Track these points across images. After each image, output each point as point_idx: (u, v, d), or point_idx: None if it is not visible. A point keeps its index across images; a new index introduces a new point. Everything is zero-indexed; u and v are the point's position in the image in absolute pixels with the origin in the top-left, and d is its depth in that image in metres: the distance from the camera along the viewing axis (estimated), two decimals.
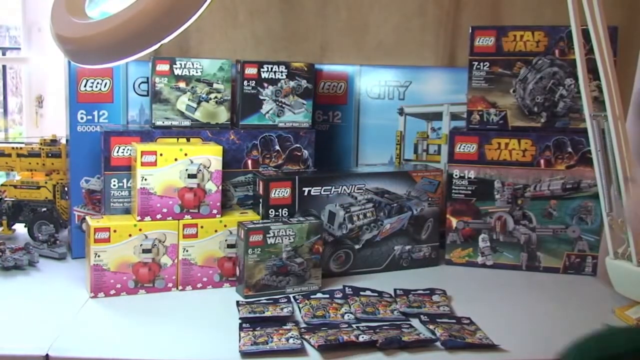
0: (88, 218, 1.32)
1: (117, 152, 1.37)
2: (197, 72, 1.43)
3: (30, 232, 1.57)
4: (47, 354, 1.05)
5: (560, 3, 1.29)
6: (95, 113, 1.46)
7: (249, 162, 1.46)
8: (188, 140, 1.41)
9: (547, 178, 1.48)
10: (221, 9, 1.74)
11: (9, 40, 2.24)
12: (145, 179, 1.31)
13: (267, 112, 1.48)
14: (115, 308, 1.25)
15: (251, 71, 1.46)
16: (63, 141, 1.60)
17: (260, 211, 1.38)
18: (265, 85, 1.47)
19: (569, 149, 1.47)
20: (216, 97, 1.45)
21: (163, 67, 1.41)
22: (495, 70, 1.51)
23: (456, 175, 1.52)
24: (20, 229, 1.62)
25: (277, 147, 1.48)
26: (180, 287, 1.34)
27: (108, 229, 1.28)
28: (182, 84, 1.43)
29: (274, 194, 1.37)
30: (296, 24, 1.76)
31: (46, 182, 1.58)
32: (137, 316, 1.22)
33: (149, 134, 1.39)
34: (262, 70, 1.46)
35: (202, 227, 1.34)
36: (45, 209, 1.58)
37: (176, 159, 1.32)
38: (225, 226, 1.36)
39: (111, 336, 1.13)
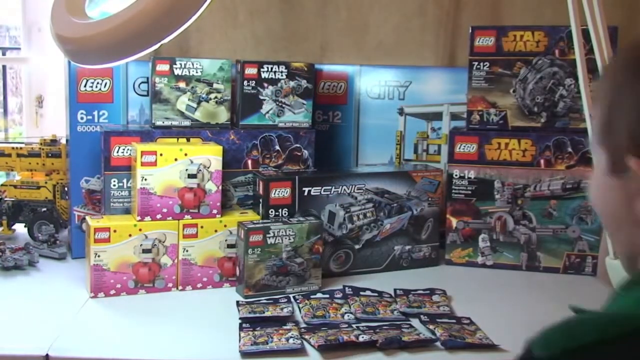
0: (88, 218, 1.32)
1: (117, 152, 1.37)
2: (197, 72, 1.43)
3: (30, 232, 1.57)
4: (47, 354, 1.05)
5: (560, 3, 1.29)
6: (95, 113, 1.46)
7: (249, 162, 1.46)
8: (188, 140, 1.41)
9: (547, 178, 1.48)
10: (221, 9, 1.74)
11: (9, 40, 2.24)
12: (145, 179, 1.31)
13: (267, 112, 1.48)
14: (115, 308, 1.25)
15: (251, 71, 1.46)
16: (63, 141, 1.59)
17: (260, 211, 1.38)
18: (265, 85, 1.47)
19: (569, 149, 1.47)
20: (216, 97, 1.45)
21: (163, 67, 1.41)
22: (495, 70, 1.51)
23: (456, 175, 1.52)
24: (20, 229, 1.62)
25: (277, 147, 1.48)
26: (180, 287, 1.34)
27: (108, 229, 1.28)
28: (182, 84, 1.42)
29: (274, 194, 1.37)
30: (296, 24, 1.76)
31: (46, 182, 1.58)
32: (137, 316, 1.22)
33: (149, 134, 1.39)
34: (262, 70, 1.46)
35: (202, 227, 1.34)
36: (45, 209, 1.58)
37: (176, 159, 1.32)
38: (225, 226, 1.36)
39: (111, 336, 1.13)
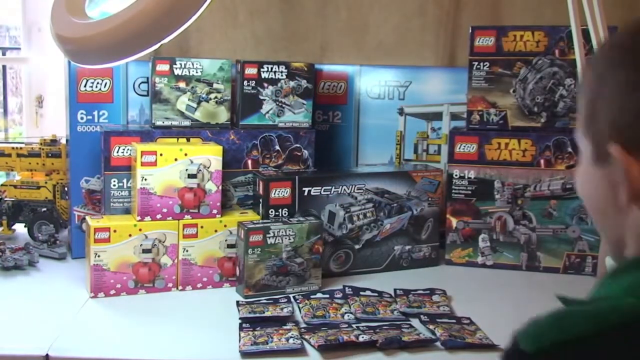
0: (88, 218, 1.32)
1: (117, 152, 1.37)
2: (197, 72, 1.43)
3: (30, 232, 1.56)
4: (47, 354, 1.05)
5: (560, 3, 1.29)
6: (95, 113, 1.46)
7: (249, 162, 1.46)
8: (188, 140, 1.41)
9: (547, 178, 1.48)
10: (221, 9, 1.74)
11: (9, 40, 2.24)
12: (145, 179, 1.31)
13: (267, 112, 1.48)
14: (115, 308, 1.25)
15: (251, 71, 1.46)
16: (63, 141, 1.59)
17: (260, 211, 1.38)
18: (265, 85, 1.47)
19: (569, 149, 1.47)
20: (216, 97, 1.45)
21: (163, 67, 1.41)
22: (495, 70, 1.51)
23: (456, 175, 1.52)
24: (20, 229, 1.62)
25: (277, 147, 1.48)
26: (180, 287, 1.34)
27: (108, 229, 1.28)
28: (182, 84, 1.42)
29: (274, 194, 1.37)
30: (296, 24, 1.76)
31: (46, 182, 1.58)
32: (137, 316, 1.22)
33: (149, 134, 1.39)
34: (262, 70, 1.46)
35: (202, 227, 1.34)
36: (45, 209, 1.58)
37: (176, 159, 1.32)
38: (225, 226, 1.36)
39: (111, 336, 1.13)
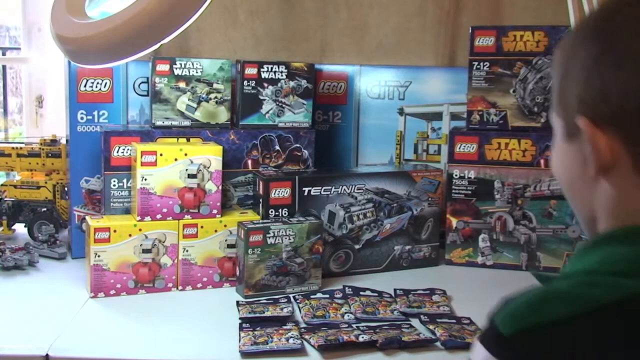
0: (88, 218, 1.32)
1: (117, 152, 1.37)
2: (197, 72, 1.43)
3: (30, 232, 1.56)
4: (47, 354, 1.05)
5: (560, 3, 1.29)
6: (95, 113, 1.46)
7: (249, 162, 1.46)
8: (188, 140, 1.41)
9: (547, 178, 1.48)
10: (221, 9, 1.74)
11: (9, 40, 2.24)
12: (145, 179, 1.31)
13: (267, 112, 1.48)
14: (115, 308, 1.25)
15: (251, 71, 1.46)
16: (63, 141, 1.59)
17: (260, 211, 1.38)
18: (265, 85, 1.47)
19: None
20: (216, 97, 1.45)
21: (163, 67, 1.41)
22: (495, 70, 1.51)
23: (456, 175, 1.52)
24: (20, 229, 1.61)
25: (277, 147, 1.48)
26: (180, 287, 1.34)
27: (108, 229, 1.28)
28: (182, 84, 1.42)
29: (274, 194, 1.37)
30: (296, 24, 1.76)
31: (46, 182, 1.58)
32: (137, 316, 1.22)
33: (149, 134, 1.39)
34: (262, 70, 1.46)
35: (202, 227, 1.34)
36: (45, 209, 1.58)
37: (176, 159, 1.32)
38: (225, 226, 1.36)
39: (111, 336, 1.13)
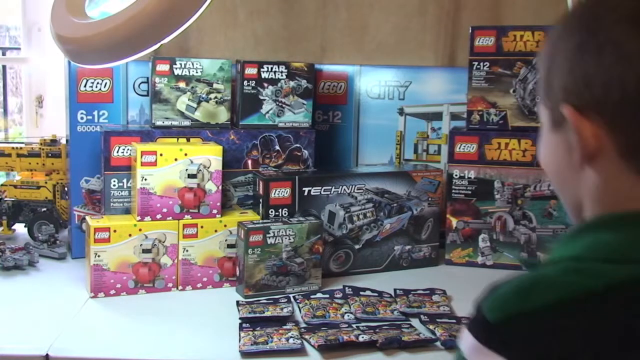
0: (88, 218, 1.32)
1: (117, 152, 1.37)
2: (197, 72, 1.43)
3: (30, 232, 1.56)
4: (47, 354, 1.05)
5: (560, 3, 1.29)
6: (95, 113, 1.46)
7: (249, 162, 1.46)
8: (188, 140, 1.41)
9: (547, 178, 1.48)
10: (221, 9, 1.74)
11: (9, 40, 2.24)
12: (145, 179, 1.31)
13: (267, 112, 1.48)
14: (115, 308, 1.25)
15: (251, 71, 1.46)
16: (63, 141, 1.59)
17: (260, 211, 1.38)
18: (265, 85, 1.47)
19: None
20: (216, 97, 1.45)
21: (163, 67, 1.41)
22: (495, 70, 1.51)
23: (456, 175, 1.52)
24: (20, 229, 1.62)
25: (277, 147, 1.48)
26: (180, 287, 1.34)
27: (108, 229, 1.28)
28: (182, 84, 1.42)
29: (274, 194, 1.37)
30: (296, 24, 1.76)
31: (46, 182, 1.58)
32: (137, 316, 1.22)
33: (149, 134, 1.39)
34: (262, 70, 1.46)
35: (202, 227, 1.34)
36: (45, 209, 1.58)
37: (176, 159, 1.32)
38: (225, 226, 1.36)
39: (111, 336, 1.13)
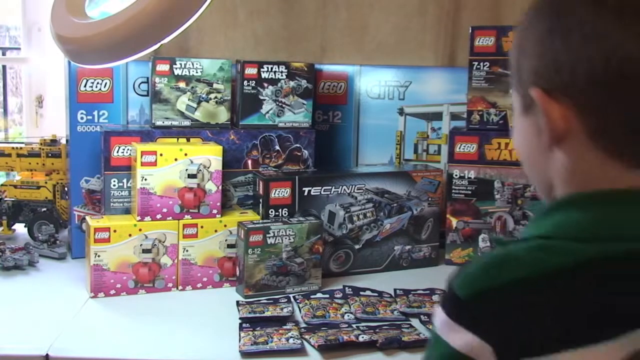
0: (88, 218, 1.32)
1: (117, 152, 1.37)
2: (197, 72, 1.43)
3: (30, 232, 1.56)
4: (47, 354, 1.05)
5: None
6: (95, 113, 1.46)
7: (249, 162, 1.46)
8: (188, 140, 1.41)
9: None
10: (221, 9, 1.74)
11: (9, 40, 2.24)
12: (145, 179, 1.31)
13: (267, 112, 1.48)
14: (115, 308, 1.25)
15: (251, 71, 1.46)
16: (63, 141, 1.59)
17: (260, 211, 1.38)
18: (265, 85, 1.47)
19: None
20: (216, 97, 1.45)
21: (163, 67, 1.41)
22: (495, 70, 1.51)
23: (456, 175, 1.52)
24: (20, 229, 1.61)
25: (277, 147, 1.48)
26: (180, 287, 1.34)
27: (108, 229, 1.28)
28: (182, 84, 1.42)
29: (274, 194, 1.37)
30: (296, 24, 1.76)
31: (46, 182, 1.58)
32: (137, 316, 1.22)
33: (149, 134, 1.39)
34: (262, 70, 1.46)
35: (202, 227, 1.34)
36: (45, 209, 1.58)
37: (176, 159, 1.32)
38: (225, 226, 1.36)
39: (111, 336, 1.13)
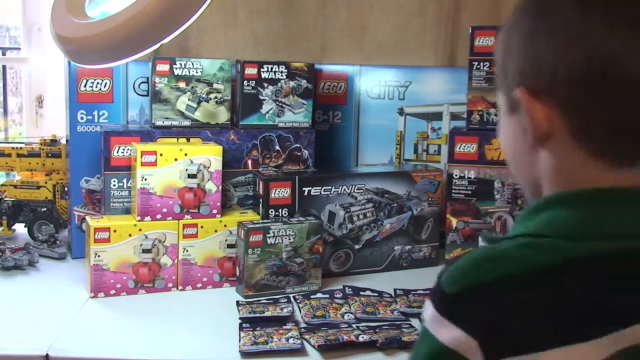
0: (88, 218, 1.32)
1: (117, 152, 1.37)
2: (197, 72, 1.43)
3: (30, 232, 1.56)
4: (47, 354, 1.05)
5: None
6: (95, 113, 1.46)
7: (249, 162, 1.46)
8: (188, 140, 1.41)
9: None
10: (221, 9, 1.74)
11: (9, 40, 2.24)
12: (145, 179, 1.31)
13: (267, 112, 1.48)
14: (115, 308, 1.25)
15: (251, 71, 1.46)
16: (63, 141, 1.59)
17: (260, 211, 1.38)
18: (265, 85, 1.47)
19: None
20: (216, 97, 1.45)
21: (163, 67, 1.41)
22: (495, 70, 1.51)
23: (456, 175, 1.52)
24: (20, 229, 1.61)
25: (277, 147, 1.48)
26: (180, 287, 1.34)
27: (108, 229, 1.28)
28: (182, 84, 1.42)
29: (274, 194, 1.37)
30: (296, 24, 1.76)
31: (46, 182, 1.58)
32: (137, 316, 1.22)
33: (149, 134, 1.39)
34: (262, 70, 1.46)
35: (202, 227, 1.34)
36: (45, 209, 1.58)
37: (176, 159, 1.32)
38: (225, 226, 1.36)
39: (111, 336, 1.13)
